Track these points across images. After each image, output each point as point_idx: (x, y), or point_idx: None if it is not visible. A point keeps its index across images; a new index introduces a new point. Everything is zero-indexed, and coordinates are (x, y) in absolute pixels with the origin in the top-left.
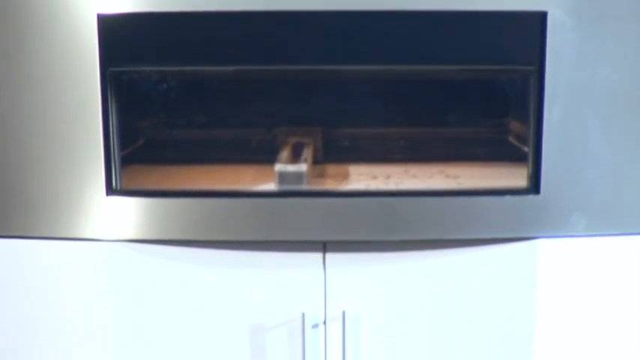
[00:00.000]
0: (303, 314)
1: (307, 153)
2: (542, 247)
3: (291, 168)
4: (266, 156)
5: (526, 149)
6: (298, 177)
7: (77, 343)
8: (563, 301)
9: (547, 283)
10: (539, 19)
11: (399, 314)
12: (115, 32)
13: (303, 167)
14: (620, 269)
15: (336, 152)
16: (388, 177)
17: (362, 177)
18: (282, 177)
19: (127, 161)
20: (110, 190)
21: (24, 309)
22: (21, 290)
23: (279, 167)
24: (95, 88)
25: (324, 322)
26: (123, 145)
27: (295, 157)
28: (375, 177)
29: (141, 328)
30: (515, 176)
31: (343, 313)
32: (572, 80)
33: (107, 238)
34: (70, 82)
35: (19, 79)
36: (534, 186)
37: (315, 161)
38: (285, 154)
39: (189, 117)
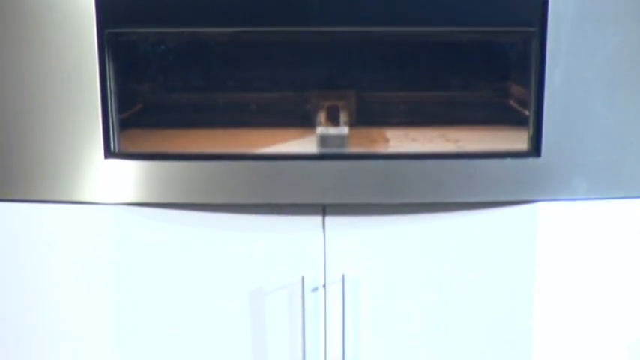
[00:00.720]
0: (303, 278)
1: (344, 116)
2: (543, 211)
3: (332, 131)
4: (269, 119)
5: (527, 112)
6: (340, 140)
7: (75, 307)
8: (563, 264)
9: (547, 246)
10: None
11: (398, 277)
12: None
13: (344, 130)
14: (621, 233)
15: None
16: (388, 141)
17: (361, 140)
18: (324, 140)
19: (126, 125)
20: (108, 154)
21: (22, 273)
22: (19, 254)
23: (320, 130)
24: (92, 50)
25: (324, 286)
26: (122, 108)
27: (333, 121)
28: (374, 140)
29: (140, 292)
30: (516, 139)
31: (343, 276)
32: (574, 42)
33: (106, 202)
34: (68, 44)
35: (15, 41)
36: (535, 149)
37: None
38: (322, 117)
39: (188, 80)
